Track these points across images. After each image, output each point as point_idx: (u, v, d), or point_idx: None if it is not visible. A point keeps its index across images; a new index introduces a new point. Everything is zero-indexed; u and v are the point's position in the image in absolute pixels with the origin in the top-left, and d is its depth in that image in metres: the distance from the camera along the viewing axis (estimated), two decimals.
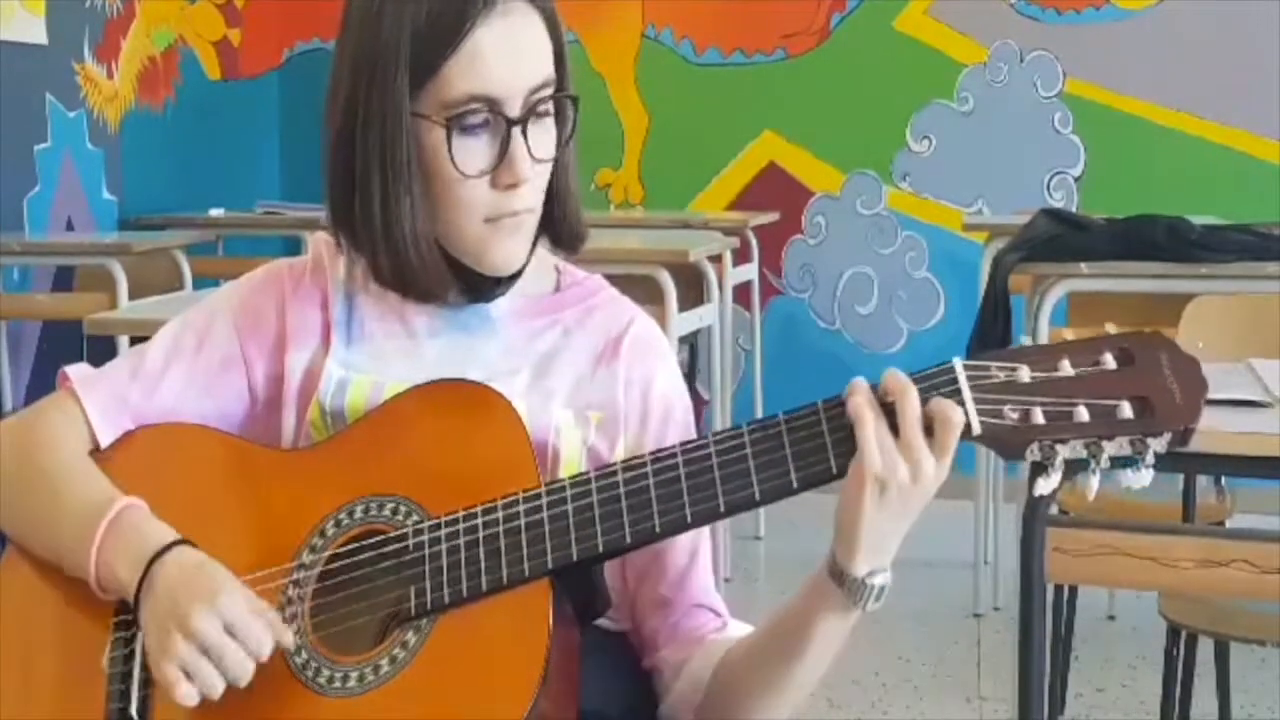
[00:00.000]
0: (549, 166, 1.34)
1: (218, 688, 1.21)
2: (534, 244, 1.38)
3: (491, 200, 1.32)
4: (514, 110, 1.29)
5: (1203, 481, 3.07)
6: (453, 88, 1.28)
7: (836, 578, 1.22)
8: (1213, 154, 5.06)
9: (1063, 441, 1.17)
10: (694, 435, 1.43)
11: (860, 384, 1.21)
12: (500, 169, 1.30)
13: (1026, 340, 3.38)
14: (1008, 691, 3.26)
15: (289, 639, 1.24)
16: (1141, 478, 1.17)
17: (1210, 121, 5.07)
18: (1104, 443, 1.17)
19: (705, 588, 1.41)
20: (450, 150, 1.30)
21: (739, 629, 1.40)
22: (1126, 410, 1.16)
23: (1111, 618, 3.92)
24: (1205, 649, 2.65)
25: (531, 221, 1.35)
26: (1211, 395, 1.20)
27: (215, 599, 1.22)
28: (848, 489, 1.19)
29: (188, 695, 1.21)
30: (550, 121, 1.33)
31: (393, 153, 1.31)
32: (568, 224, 1.40)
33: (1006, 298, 3.37)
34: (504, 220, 1.33)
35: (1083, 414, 1.17)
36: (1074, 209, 4.83)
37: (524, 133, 1.30)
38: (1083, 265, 3.24)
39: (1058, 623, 3.04)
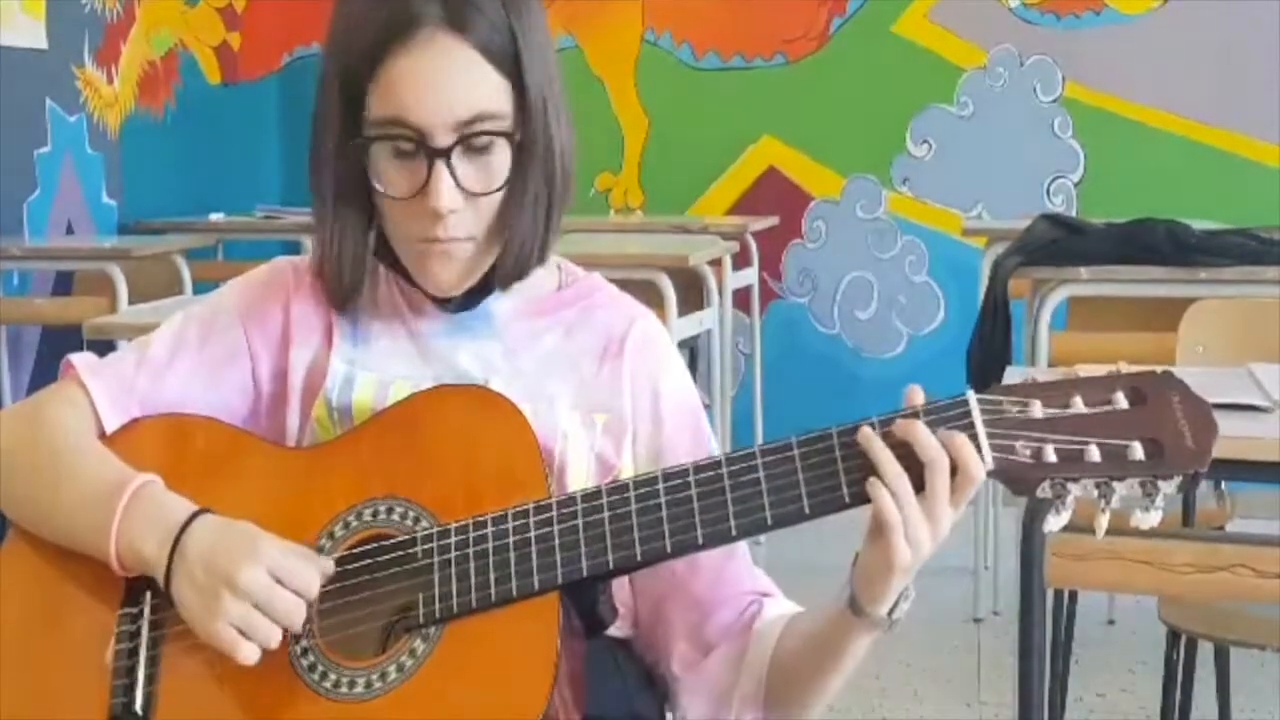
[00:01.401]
0: (496, 197, 1.33)
1: (275, 636, 1.21)
2: (492, 269, 1.37)
3: (421, 225, 1.32)
4: (439, 140, 1.29)
5: (1202, 486, 3.07)
6: (377, 110, 1.30)
7: (859, 613, 1.25)
8: (1212, 158, 5.06)
9: (1074, 480, 1.17)
10: (705, 429, 1.44)
11: (883, 460, 1.19)
12: (423, 197, 1.30)
13: (1026, 346, 3.38)
14: (1008, 696, 3.26)
15: (330, 565, 1.25)
16: (1150, 518, 1.18)
17: (1209, 126, 5.08)
18: (1115, 483, 1.17)
19: (749, 575, 1.41)
20: (378, 169, 1.32)
21: (777, 606, 1.39)
22: (1138, 451, 1.16)
23: (1111, 622, 3.92)
24: (1205, 653, 2.65)
25: (467, 250, 1.34)
26: (1211, 399, 1.20)
27: (255, 551, 1.23)
28: (873, 560, 1.22)
29: (250, 653, 1.21)
30: (492, 156, 1.31)
31: (324, 164, 1.34)
32: (508, 260, 1.36)
33: (1006, 302, 3.38)
34: (434, 245, 1.33)
35: (1094, 454, 1.16)
36: (1073, 213, 4.83)
37: (448, 163, 1.29)
38: (1082, 270, 3.25)
39: (1057, 627, 3.04)
